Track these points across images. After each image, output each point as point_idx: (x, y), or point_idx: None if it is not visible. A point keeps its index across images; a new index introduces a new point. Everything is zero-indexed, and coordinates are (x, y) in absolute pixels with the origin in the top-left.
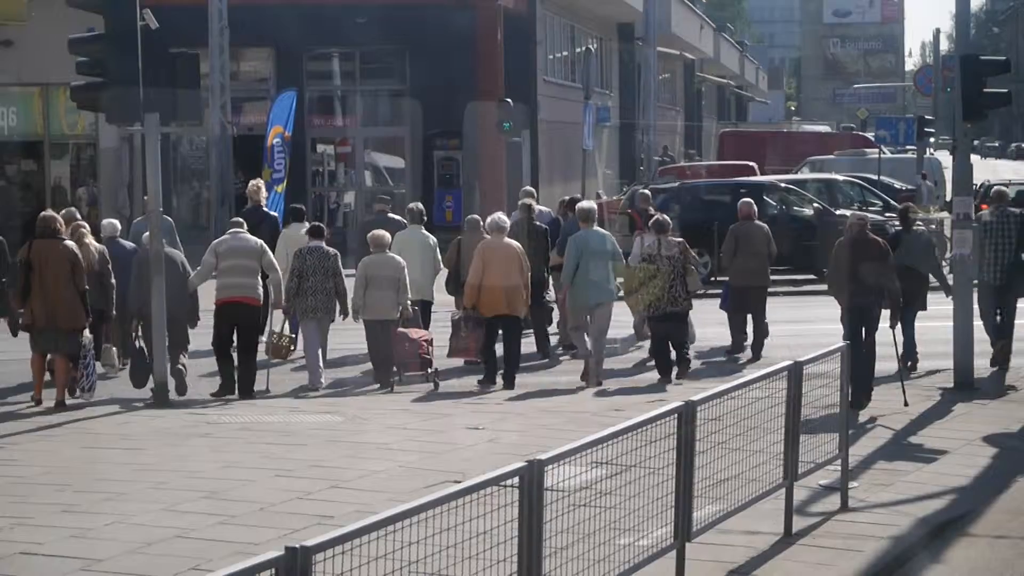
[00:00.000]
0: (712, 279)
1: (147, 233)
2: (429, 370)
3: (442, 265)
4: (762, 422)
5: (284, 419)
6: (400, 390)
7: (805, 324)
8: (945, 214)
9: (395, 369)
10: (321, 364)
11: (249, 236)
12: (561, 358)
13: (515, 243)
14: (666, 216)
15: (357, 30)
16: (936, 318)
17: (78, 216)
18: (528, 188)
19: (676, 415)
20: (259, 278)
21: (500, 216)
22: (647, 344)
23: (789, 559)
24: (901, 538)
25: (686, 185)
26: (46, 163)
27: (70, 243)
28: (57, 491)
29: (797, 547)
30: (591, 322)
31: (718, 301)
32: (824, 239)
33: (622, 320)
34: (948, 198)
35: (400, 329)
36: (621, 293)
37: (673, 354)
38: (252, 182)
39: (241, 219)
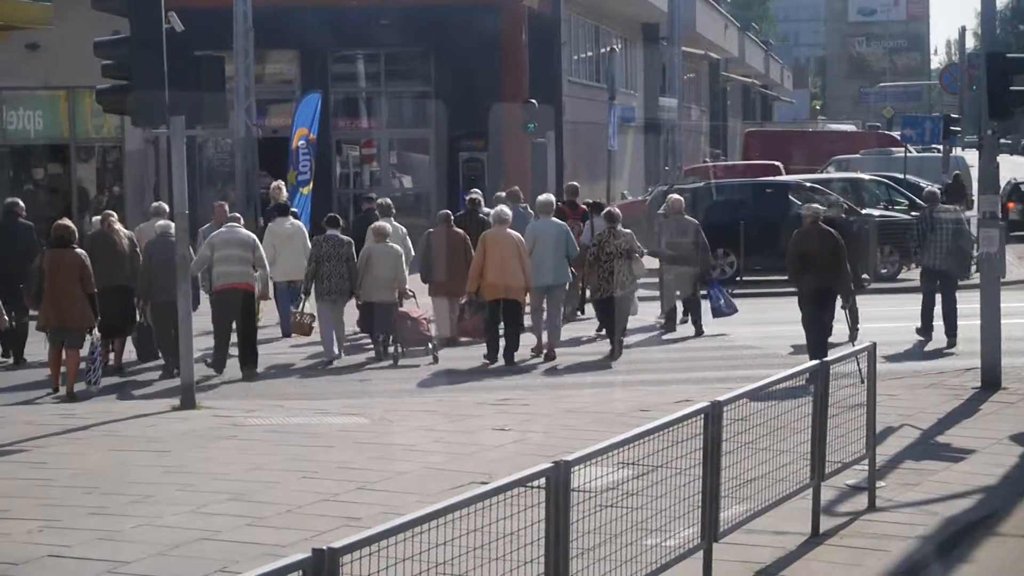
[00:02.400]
0: (737, 279)
1: (159, 222)
2: (429, 345)
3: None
4: (789, 422)
5: (310, 421)
6: (404, 363)
7: None
8: (972, 212)
9: (399, 345)
10: (335, 340)
11: (243, 229)
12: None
13: (515, 233)
14: (616, 208)
15: (381, 32)
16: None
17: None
18: (511, 190)
19: (702, 415)
20: (252, 267)
21: (503, 209)
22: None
23: (816, 559)
24: (929, 538)
25: (711, 185)
26: (72, 166)
27: (80, 251)
28: (85, 494)
29: (825, 547)
30: (546, 302)
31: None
32: (850, 239)
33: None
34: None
35: (401, 310)
36: (590, 293)
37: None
38: (273, 183)
39: (238, 215)
